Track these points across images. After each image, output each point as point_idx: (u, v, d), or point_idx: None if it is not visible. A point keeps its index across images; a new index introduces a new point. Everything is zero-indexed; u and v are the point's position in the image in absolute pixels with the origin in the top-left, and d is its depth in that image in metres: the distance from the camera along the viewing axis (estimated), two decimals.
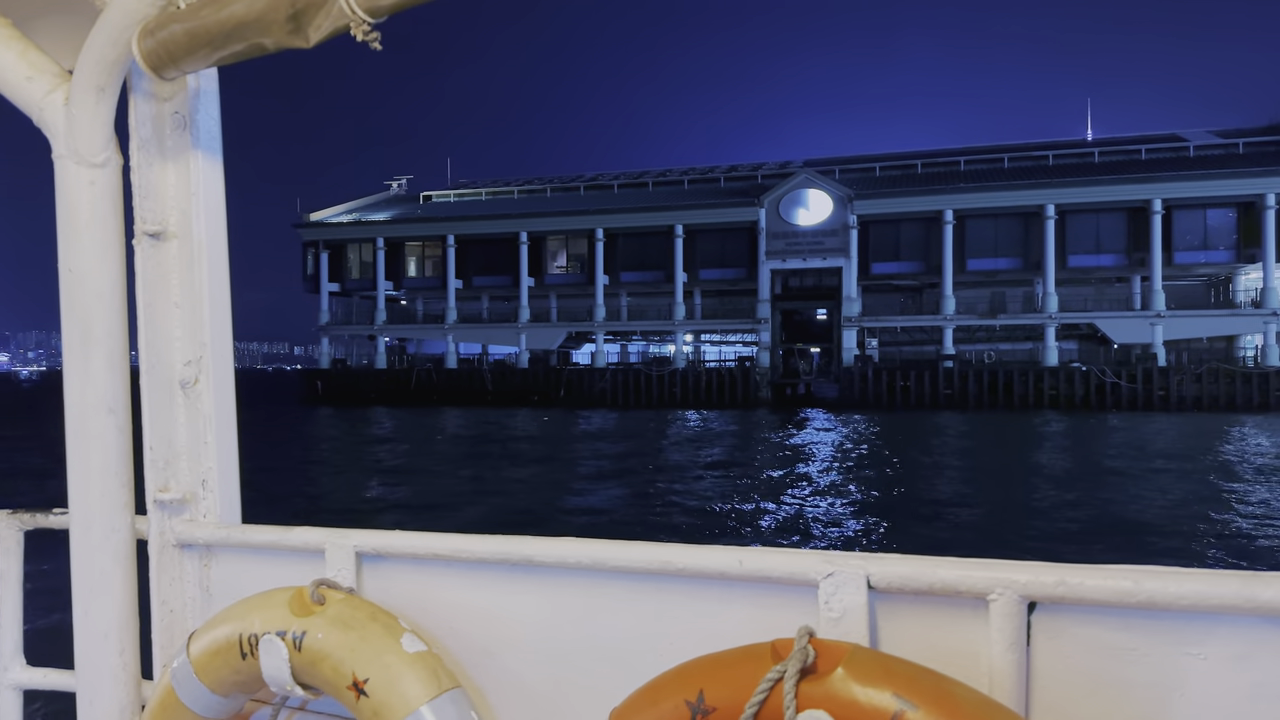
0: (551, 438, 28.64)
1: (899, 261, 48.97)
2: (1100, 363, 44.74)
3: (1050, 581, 1.31)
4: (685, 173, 61.37)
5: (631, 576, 1.58)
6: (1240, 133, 51.59)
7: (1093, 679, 1.34)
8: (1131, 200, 45.35)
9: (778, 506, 12.97)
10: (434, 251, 57.91)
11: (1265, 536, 11.33)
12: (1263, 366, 41.86)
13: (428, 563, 1.74)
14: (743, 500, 13.84)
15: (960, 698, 1.19)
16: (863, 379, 45.37)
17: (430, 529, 1.80)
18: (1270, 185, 42.79)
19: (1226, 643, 1.27)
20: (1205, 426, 30.79)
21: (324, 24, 1.46)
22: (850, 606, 1.40)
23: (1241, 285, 47.44)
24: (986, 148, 57.27)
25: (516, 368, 53.55)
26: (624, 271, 53.80)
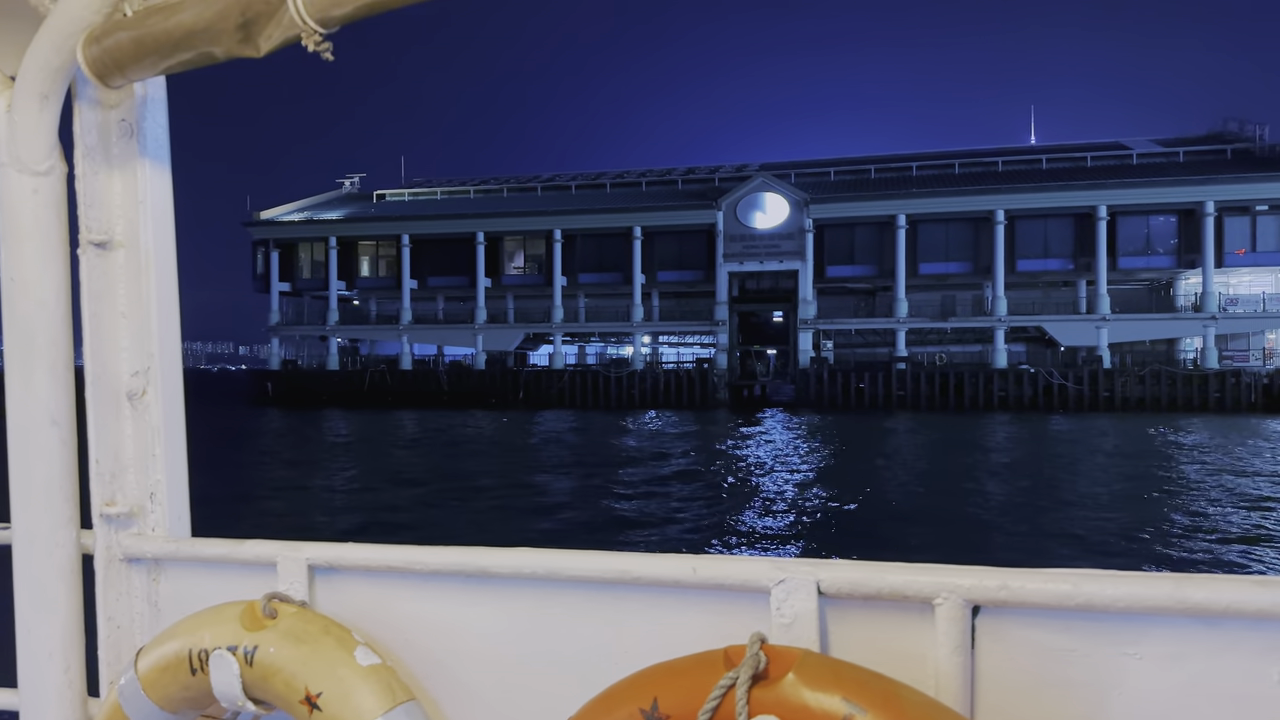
0: (509, 440, 28.47)
1: (853, 265, 49.64)
2: (1048, 365, 45.83)
3: (993, 586, 1.34)
4: (643, 175, 61.48)
5: (587, 586, 1.58)
6: (1180, 141, 53.27)
7: (1035, 680, 1.37)
8: (1078, 206, 46.55)
9: (733, 510, 13.02)
10: (388, 251, 57.19)
11: (1193, 535, 11.69)
12: (1202, 369, 43.24)
13: (382, 575, 1.73)
14: (699, 504, 13.85)
15: (907, 701, 1.22)
16: (818, 380, 45.90)
17: (385, 537, 1.77)
18: (1209, 193, 44.24)
19: (1160, 642, 1.31)
20: (1146, 427, 31.68)
21: (275, 33, 1.45)
22: (801, 612, 1.42)
23: (1182, 290, 48.96)
24: (937, 154, 58.32)
25: (473, 369, 53.12)
26: (582, 273, 53.71)
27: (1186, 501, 14.50)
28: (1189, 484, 16.90)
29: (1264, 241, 44.59)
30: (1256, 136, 49.48)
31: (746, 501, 14.21)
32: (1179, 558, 10.15)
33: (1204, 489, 16.10)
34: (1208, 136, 53.56)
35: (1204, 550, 10.56)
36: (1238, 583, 1.28)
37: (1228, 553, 10.17)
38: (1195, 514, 13.23)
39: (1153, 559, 10.36)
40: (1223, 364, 43.47)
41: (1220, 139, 52.02)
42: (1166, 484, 16.93)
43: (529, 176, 65.11)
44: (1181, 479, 17.67)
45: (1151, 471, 18.88)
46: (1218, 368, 42.90)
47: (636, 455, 22.31)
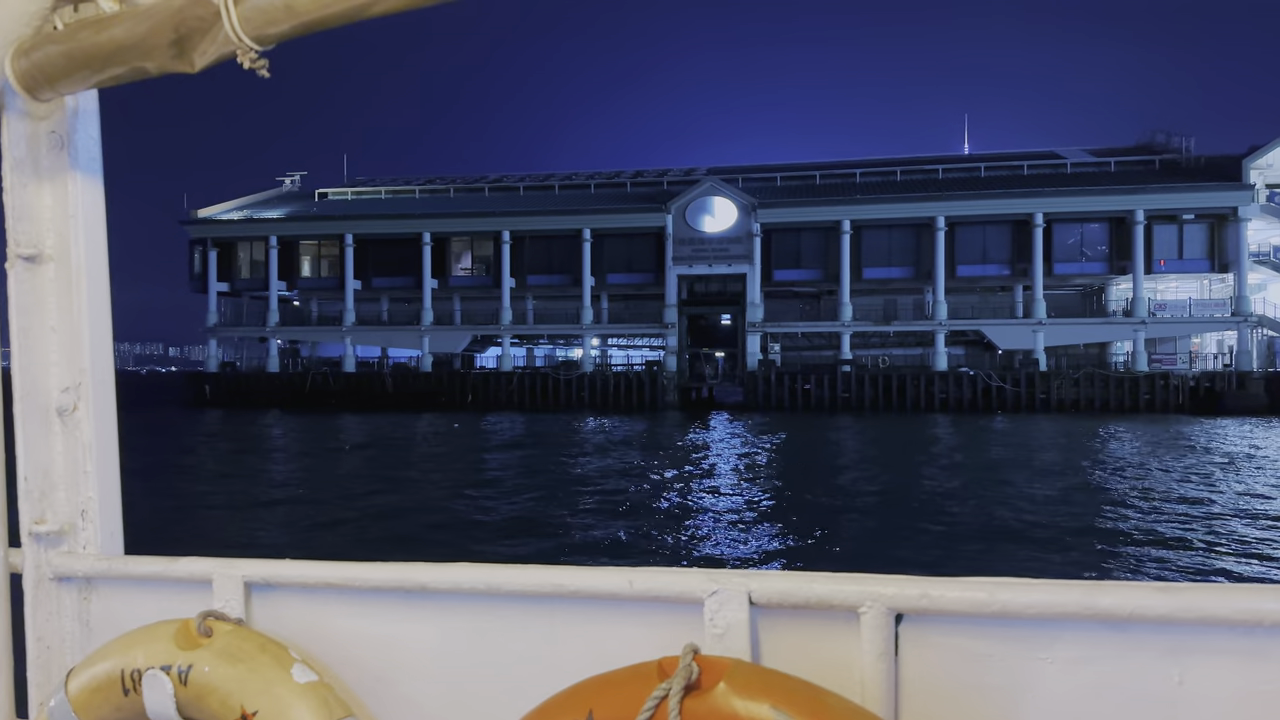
0: (460, 443, 28.18)
1: (800, 269, 50.30)
2: (986, 368, 47.02)
3: (915, 594, 1.39)
4: (591, 177, 61.41)
5: (525, 600, 1.61)
6: (1111, 151, 55.12)
7: (954, 684, 1.42)
8: (1015, 214, 47.86)
9: (676, 516, 13.00)
10: (330, 251, 56.13)
11: (1111, 532, 12.13)
12: (1132, 371, 44.81)
13: (319, 591, 1.73)
14: (641, 510, 13.73)
15: (833, 707, 1.27)
16: (766, 383, 46.39)
17: (325, 550, 1.78)
18: (1140, 202, 45.88)
19: (1070, 647, 1.37)
20: (1079, 427, 32.69)
21: (209, 50, 1.44)
22: (733, 622, 1.46)
23: (1113, 295, 50.68)
24: (880, 160, 59.42)
25: (419, 371, 52.45)
26: (531, 274, 53.43)
27: (1114, 498, 15.02)
28: (1119, 482, 17.50)
29: (1190, 249, 46.40)
30: (1183, 148, 51.46)
31: (690, 506, 14.25)
32: (1102, 550, 10.54)
33: (1132, 487, 16.68)
34: (1137, 147, 55.51)
35: (1124, 548, 10.96)
36: (1142, 589, 1.34)
37: (1144, 554, 10.58)
38: (1119, 511, 13.72)
39: (1070, 550, 10.73)
40: (1152, 367, 45.11)
41: (1149, 150, 53.97)
42: (1097, 481, 17.50)
43: (476, 177, 64.56)
44: (1112, 477, 18.28)
45: (1081, 469, 19.51)
46: (1147, 370, 44.50)
47: (584, 459, 22.25)
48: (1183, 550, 10.77)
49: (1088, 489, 16.49)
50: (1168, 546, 10.98)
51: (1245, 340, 44.13)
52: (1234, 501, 14.78)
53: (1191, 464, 20.48)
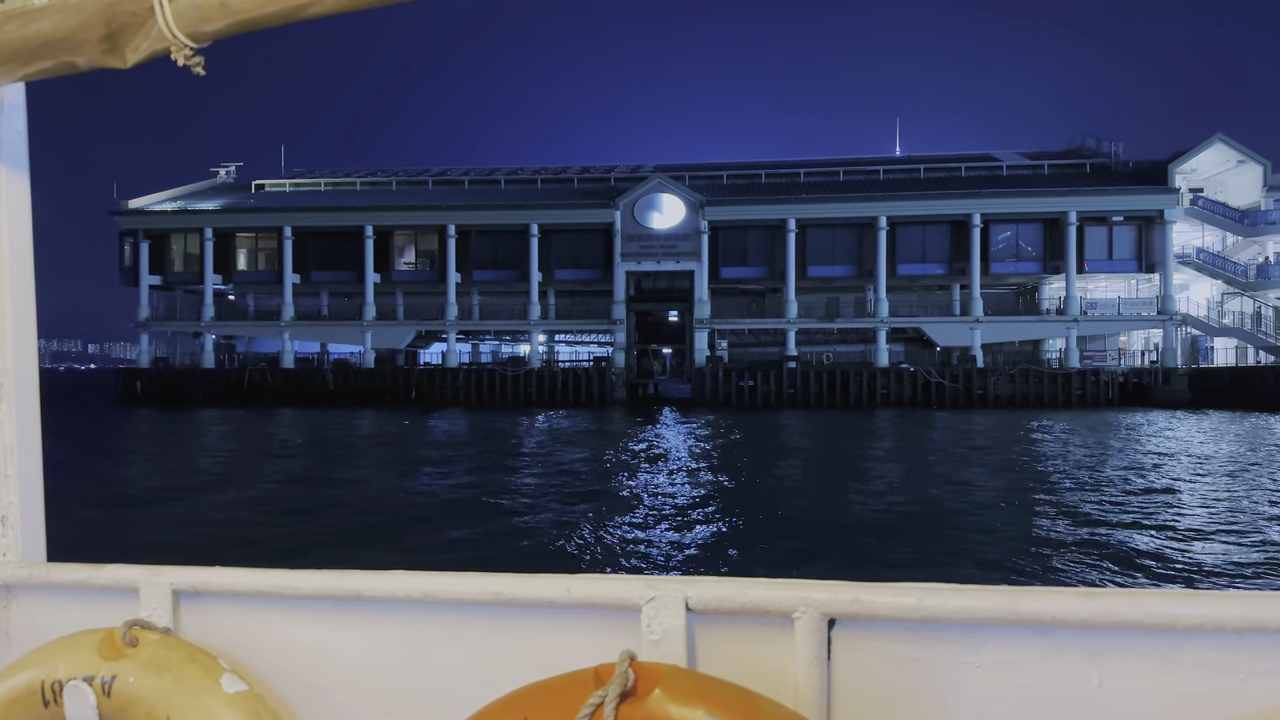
0: (407, 440, 27.78)
1: (746, 266, 50.84)
2: (926, 364, 48.20)
3: (847, 599, 1.43)
4: (537, 172, 61.04)
5: (461, 608, 1.59)
6: (1045, 155, 56.94)
7: (885, 688, 1.45)
8: (954, 214, 49.15)
9: (620, 516, 12.77)
10: (268, 244, 54.76)
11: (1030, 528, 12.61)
12: (1065, 368, 46.41)
13: (251, 599, 1.70)
14: (585, 508, 13.46)
15: (765, 712, 1.29)
16: (714, 379, 46.76)
17: (260, 556, 1.78)
18: (1072, 204, 47.54)
19: (996, 650, 1.41)
20: (1014, 421, 33.72)
21: (142, 46, 1.41)
22: (670, 629, 1.47)
23: (1046, 294, 52.39)
24: (822, 161, 60.36)
25: (361, 367, 51.52)
26: (477, 269, 52.90)
27: (1046, 487, 15.58)
28: (1051, 474, 18.15)
29: (1119, 250, 48.25)
30: (1112, 153, 53.45)
31: (634, 504, 14.12)
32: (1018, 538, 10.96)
33: (1063, 479, 17.31)
34: (1068, 151, 57.44)
35: (1050, 543, 11.40)
36: (1064, 594, 1.38)
37: (1066, 553, 11.00)
38: (1048, 500, 14.25)
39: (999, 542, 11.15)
40: (1084, 363, 46.78)
41: (1079, 154, 55.89)
42: (1028, 474, 18.12)
43: (419, 170, 63.62)
44: (1043, 469, 18.93)
45: (1014, 462, 20.17)
46: (1079, 367, 46.13)
47: (530, 456, 22.11)
48: (1102, 528, 11.23)
49: (1020, 477, 17.06)
50: (1090, 525, 11.44)
51: (1171, 338, 46.07)
52: (1153, 486, 15.46)
53: (1122, 454, 21.32)
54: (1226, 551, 10.25)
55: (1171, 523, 12.15)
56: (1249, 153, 48.62)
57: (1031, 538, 11.20)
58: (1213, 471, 18.05)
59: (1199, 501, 14.08)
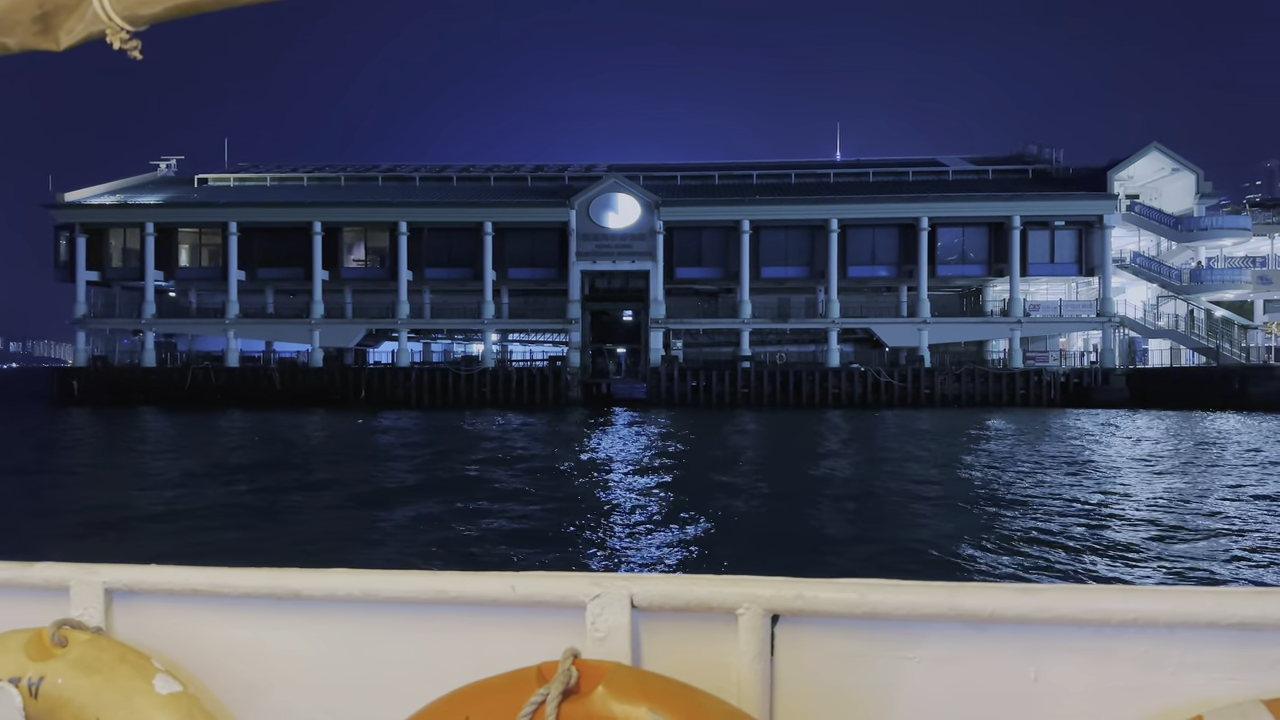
0: (359, 440, 27.37)
1: (701, 267, 51.20)
2: (875, 364, 49.09)
3: (789, 595, 1.44)
4: (490, 169, 60.55)
5: (403, 606, 1.58)
6: (989, 160, 58.41)
7: (827, 684, 1.46)
8: (903, 218, 50.15)
9: (572, 516, 12.75)
10: (212, 239, 53.38)
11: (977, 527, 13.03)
12: (1009, 368, 47.70)
13: (187, 598, 1.67)
14: (538, 509, 13.47)
15: (708, 709, 1.30)
16: (669, 379, 46.97)
17: (194, 557, 1.79)
18: (1016, 209, 48.88)
19: (935, 646, 1.43)
20: (960, 421, 34.53)
21: (76, 28, 1.37)
22: (614, 626, 1.47)
23: (990, 296, 53.75)
24: (774, 163, 61.03)
25: (310, 367, 50.52)
26: (429, 267, 52.29)
27: (983, 480, 16.06)
28: (989, 465, 18.70)
29: (1061, 254, 49.76)
30: (1053, 159, 55.08)
31: (585, 503, 14.02)
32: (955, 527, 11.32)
33: (1004, 471, 17.85)
34: (1011, 157, 59.00)
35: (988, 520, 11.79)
36: (1002, 590, 1.41)
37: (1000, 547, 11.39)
38: (984, 492, 14.71)
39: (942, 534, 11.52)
40: (1027, 364, 48.12)
41: (1022, 160, 57.47)
42: (972, 470, 18.65)
43: (368, 165, 62.61)
44: (987, 466, 19.49)
45: (957, 458, 20.73)
46: (1022, 367, 47.44)
47: (483, 457, 21.90)
48: (1035, 524, 11.65)
49: (963, 471, 17.55)
50: (1023, 521, 11.85)
51: (1109, 339, 47.66)
52: (1092, 482, 16.04)
53: (1065, 450, 22.04)
54: (1161, 544, 10.70)
55: (1106, 518, 12.62)
56: (1183, 161, 50.56)
57: (965, 532, 11.55)
58: (1156, 467, 18.77)
59: (1137, 496, 14.63)
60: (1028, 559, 9.92)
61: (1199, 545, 10.63)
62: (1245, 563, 9.73)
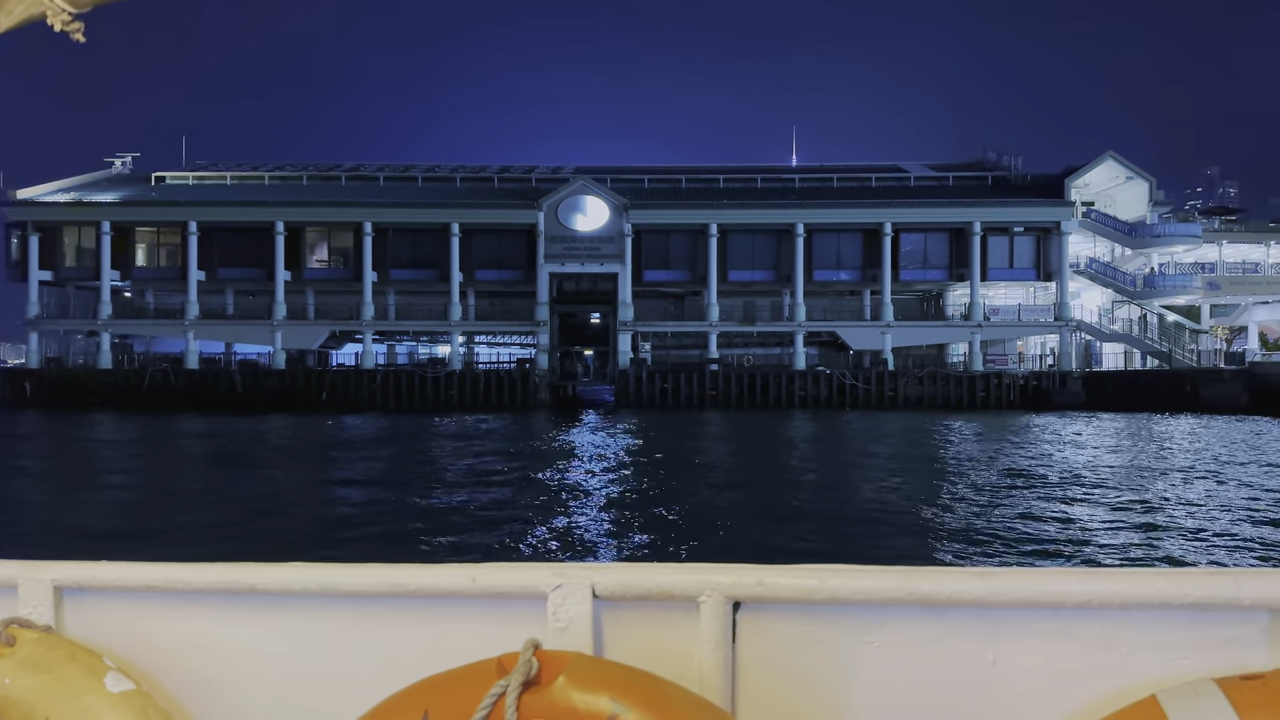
0: (317, 444, 27.06)
1: (669, 270, 51.45)
2: (840, 367, 49.72)
3: (751, 582, 1.45)
4: (455, 170, 60.20)
5: (362, 600, 1.57)
6: (949, 167, 59.47)
7: (788, 669, 1.48)
8: (867, 223, 50.87)
9: (536, 515, 12.80)
10: (171, 239, 52.34)
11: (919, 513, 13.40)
12: (970, 371, 48.62)
13: (139, 595, 1.63)
14: (504, 509, 13.41)
15: (670, 697, 1.31)
16: (637, 381, 47.10)
17: (145, 554, 1.80)
18: (977, 215, 49.87)
19: (894, 630, 1.45)
20: (924, 422, 35.12)
21: (16, 9, 1.34)
22: (576, 616, 1.47)
23: (950, 300, 54.73)
24: (740, 167, 61.57)
25: (271, 369, 49.76)
26: (394, 268, 51.82)
27: (949, 479, 16.46)
28: (957, 464, 19.14)
29: (1019, 259, 50.86)
30: (1011, 166, 56.28)
31: (553, 501, 14.10)
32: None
33: (960, 474, 18.29)
34: (970, 164, 60.14)
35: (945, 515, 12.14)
36: (959, 574, 1.43)
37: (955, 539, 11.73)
38: (944, 488, 15.09)
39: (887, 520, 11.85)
40: (987, 367, 49.09)
41: (981, 166, 58.61)
42: (935, 463, 19.08)
43: (330, 165, 61.84)
44: (943, 465, 19.93)
45: (916, 457, 21.17)
46: (983, 370, 48.39)
47: (450, 459, 21.77)
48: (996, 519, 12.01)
49: (925, 470, 17.95)
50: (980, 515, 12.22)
51: (1066, 343, 48.83)
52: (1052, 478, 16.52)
53: (1029, 450, 22.60)
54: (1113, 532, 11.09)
55: (1062, 512, 13.03)
56: (1136, 170, 52.03)
57: (923, 525, 11.89)
58: (1113, 467, 19.34)
59: (1092, 493, 15.10)
60: (986, 547, 10.20)
61: (1151, 531, 11.04)
62: (1198, 545, 10.12)
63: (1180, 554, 9.88)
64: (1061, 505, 13.89)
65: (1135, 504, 14.01)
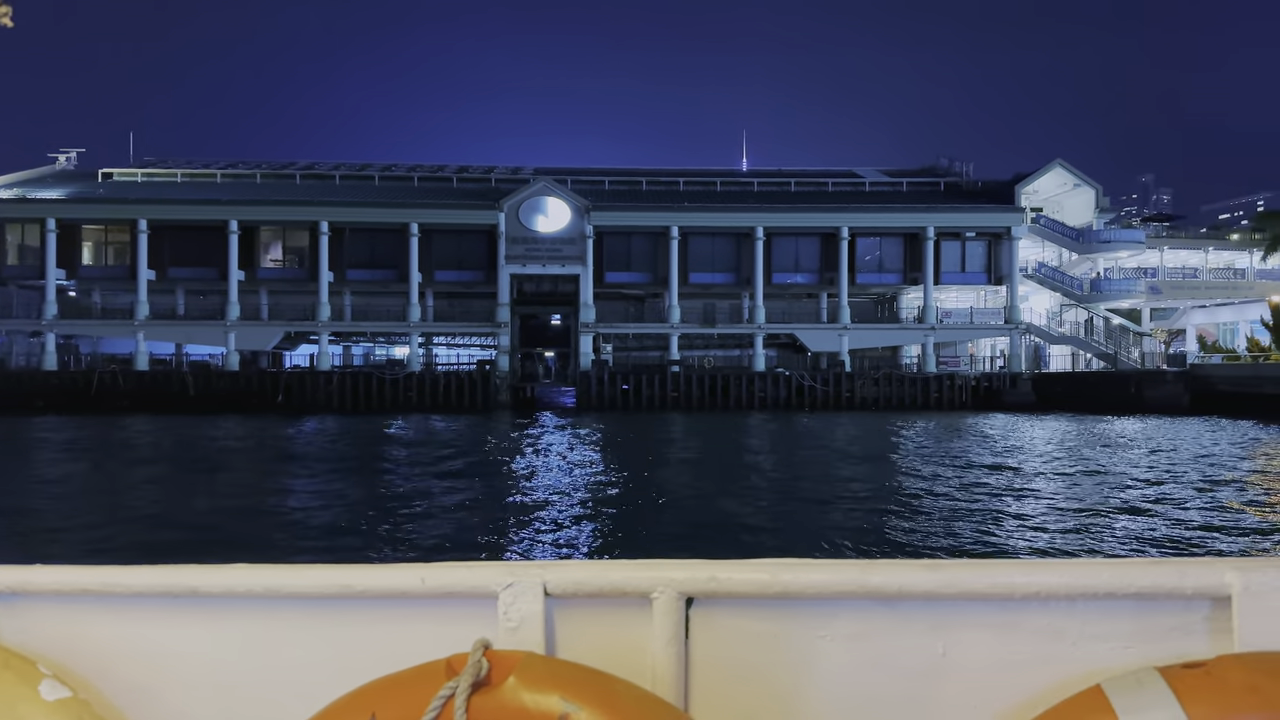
0: (277, 446, 26.70)
1: (630, 272, 51.66)
2: (799, 369, 50.37)
3: (703, 578, 1.45)
4: (413, 169, 59.68)
5: (309, 602, 1.54)
6: (903, 173, 60.67)
7: (741, 664, 1.48)
8: (825, 227, 51.66)
9: (492, 516, 12.68)
10: (119, 237, 51.06)
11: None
12: (923, 372, 49.64)
13: (76, 599, 1.58)
14: (463, 512, 13.22)
15: (621, 694, 1.30)
16: (599, 383, 47.19)
17: (83, 558, 1.64)
18: (931, 220, 50.96)
19: (846, 623, 1.46)
20: (881, 421, 35.80)
21: None
22: (528, 615, 1.46)
23: (904, 303, 55.80)
24: (700, 171, 62.12)
25: (225, 370, 48.82)
26: (351, 268, 51.20)
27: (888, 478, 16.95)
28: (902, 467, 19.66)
29: (971, 263, 52.08)
30: (963, 172, 57.60)
31: (507, 504, 14.07)
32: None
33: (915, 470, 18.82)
34: (923, 170, 61.42)
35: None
36: (910, 566, 1.44)
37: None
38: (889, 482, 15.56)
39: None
40: (940, 368, 50.16)
41: (933, 172, 59.89)
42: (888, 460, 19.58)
43: (284, 162, 60.86)
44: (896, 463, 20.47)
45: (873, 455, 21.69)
46: (936, 371, 49.44)
47: (406, 458, 21.60)
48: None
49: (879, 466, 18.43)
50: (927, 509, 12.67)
51: (1016, 345, 50.12)
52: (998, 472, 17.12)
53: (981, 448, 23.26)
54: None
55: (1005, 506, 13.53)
56: (1084, 177, 53.65)
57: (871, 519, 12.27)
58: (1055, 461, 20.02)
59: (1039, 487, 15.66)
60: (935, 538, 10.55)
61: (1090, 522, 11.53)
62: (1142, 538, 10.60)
63: (1128, 545, 10.29)
64: (1010, 499, 14.38)
65: (1081, 499, 14.55)
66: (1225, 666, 1.29)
